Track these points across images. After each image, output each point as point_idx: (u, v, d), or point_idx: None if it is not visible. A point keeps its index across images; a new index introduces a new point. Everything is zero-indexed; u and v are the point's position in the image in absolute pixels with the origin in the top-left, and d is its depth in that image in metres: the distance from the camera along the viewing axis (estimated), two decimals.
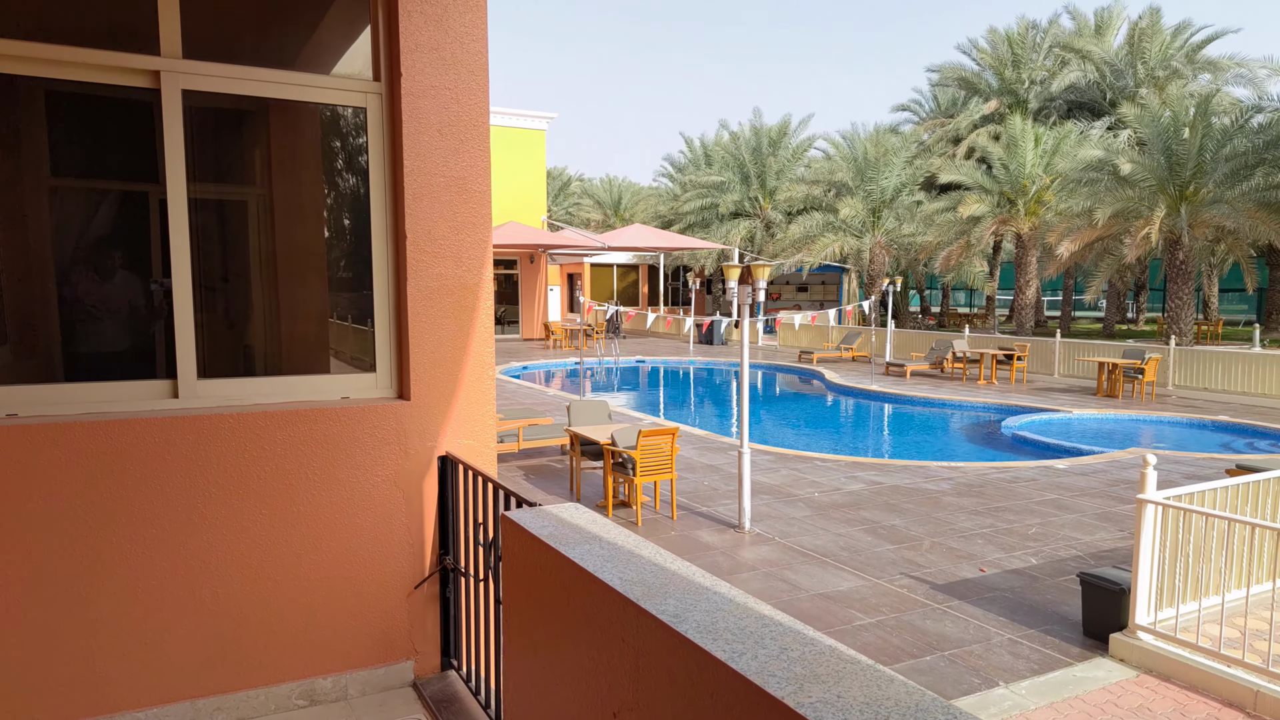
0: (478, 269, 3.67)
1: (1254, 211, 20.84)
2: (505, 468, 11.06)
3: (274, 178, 3.75)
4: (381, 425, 3.55)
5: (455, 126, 3.62)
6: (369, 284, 3.63)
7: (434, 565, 3.67)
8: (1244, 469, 9.98)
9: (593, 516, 2.70)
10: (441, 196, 3.60)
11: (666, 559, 2.32)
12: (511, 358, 25.87)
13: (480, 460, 3.70)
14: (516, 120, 32.73)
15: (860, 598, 6.61)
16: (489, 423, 3.72)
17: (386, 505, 3.57)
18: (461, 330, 3.66)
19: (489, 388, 3.72)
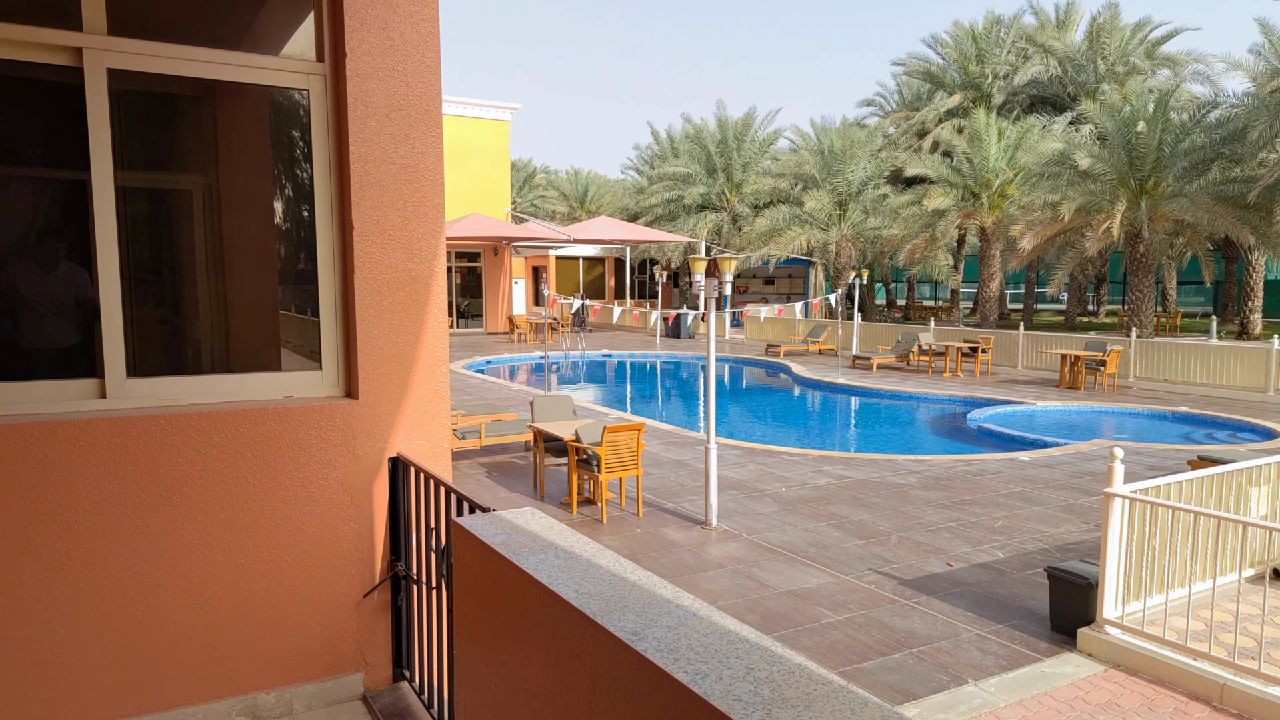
0: (430, 261, 3.49)
1: (1212, 205, 21.16)
2: (468, 465, 10.85)
3: (212, 165, 3.54)
4: (328, 426, 3.36)
5: (405, 110, 3.44)
6: (314, 277, 3.44)
7: (385, 572, 3.49)
8: (1205, 460, 10.06)
9: (549, 522, 2.54)
10: (390, 184, 3.41)
11: (626, 568, 2.17)
12: (475, 352, 25.57)
13: (434, 461, 3.53)
14: (479, 111, 32.34)
15: (828, 595, 6.52)
16: (443, 422, 3.55)
17: (334, 510, 3.39)
18: (413, 325, 3.48)
19: (442, 385, 3.55)
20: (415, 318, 3.48)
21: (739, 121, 36.78)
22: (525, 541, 2.32)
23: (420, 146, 3.47)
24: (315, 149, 3.42)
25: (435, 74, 3.48)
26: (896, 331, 24.09)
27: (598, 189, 49.15)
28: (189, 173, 3.53)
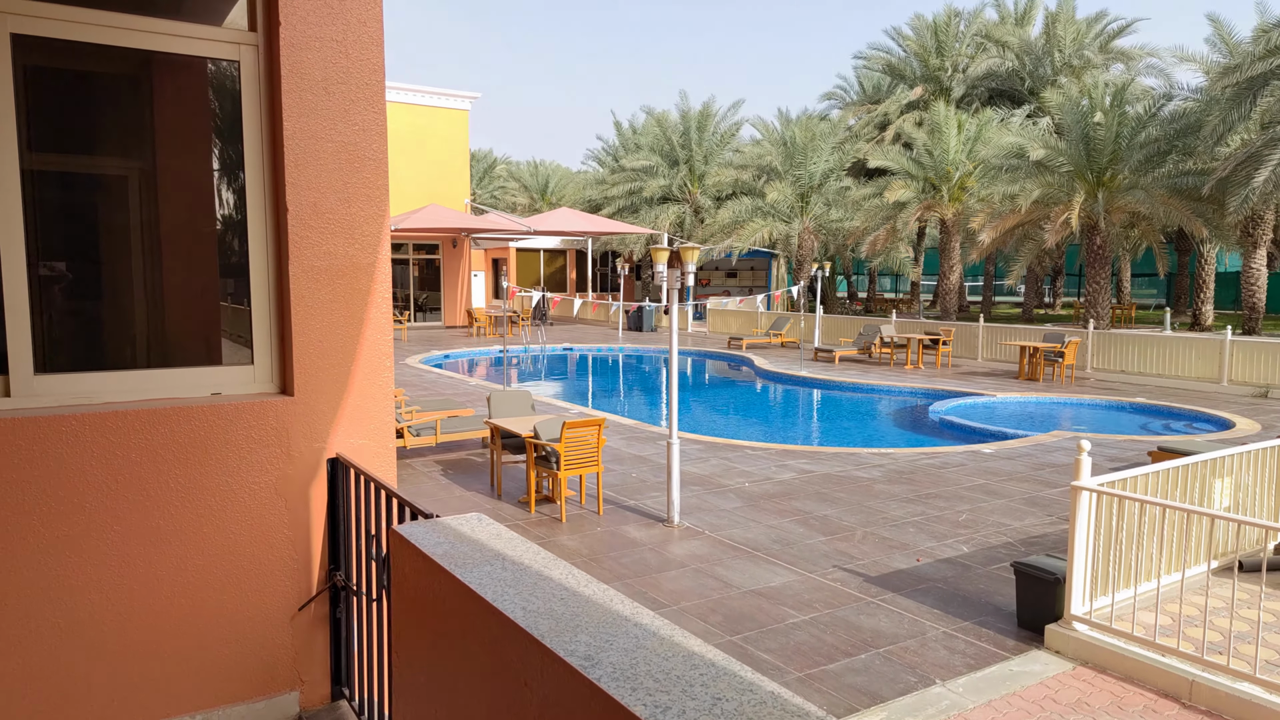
0: (373, 246, 3.25)
1: (1167, 198, 21.46)
2: (423, 463, 10.57)
3: (132, 145, 3.26)
4: (260, 425, 3.11)
5: (344, 84, 3.19)
6: (246, 264, 3.18)
7: (322, 583, 3.25)
8: (1166, 451, 10.12)
9: (497, 529, 2.33)
10: (329, 164, 3.16)
11: (580, 581, 1.97)
12: (433, 346, 25.15)
13: (376, 462, 3.29)
14: (438, 100, 31.80)
15: (793, 593, 6.38)
16: (386, 420, 3.32)
17: (266, 516, 3.14)
18: (354, 316, 3.24)
19: (386, 381, 3.31)
20: (356, 308, 3.24)
21: (700, 112, 36.64)
22: (470, 552, 2.11)
23: (361, 123, 3.22)
24: (247, 126, 3.15)
25: (378, 45, 3.24)
26: (858, 324, 24.14)
27: (559, 180, 48.75)
28: (106, 154, 3.24)
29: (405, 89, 30.98)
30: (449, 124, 32.08)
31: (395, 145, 30.88)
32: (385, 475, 3.28)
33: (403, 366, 20.16)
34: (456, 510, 8.46)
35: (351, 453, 3.25)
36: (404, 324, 28.42)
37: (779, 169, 31.80)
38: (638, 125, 41.23)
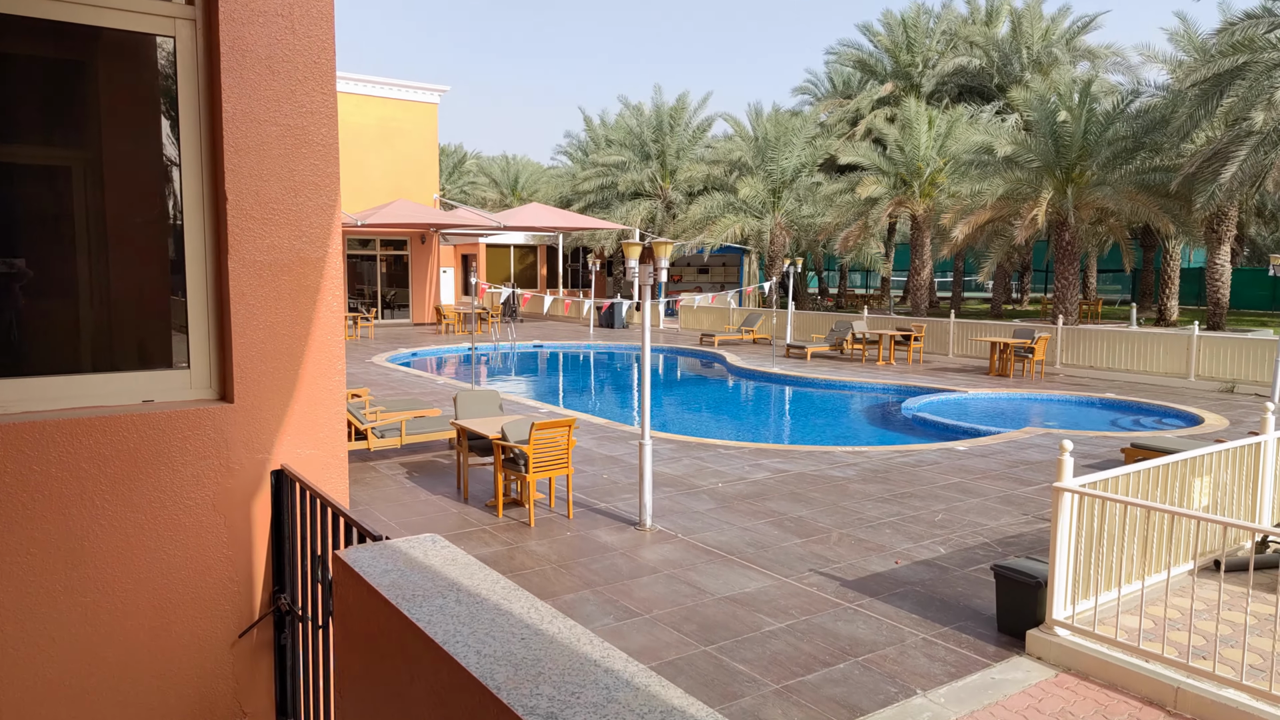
0: (321, 239, 3.00)
1: (1134, 194, 21.61)
2: (387, 465, 10.27)
3: (54, 129, 2.98)
4: (196, 435, 2.85)
5: (290, 62, 2.93)
6: (181, 259, 2.91)
7: (266, 606, 3.00)
8: (1139, 448, 10.09)
9: (453, 554, 2.10)
10: (273, 149, 2.91)
11: (544, 615, 1.75)
12: (400, 344, 24.74)
13: (326, 474, 3.04)
14: (405, 92, 31.31)
15: (769, 599, 6.20)
16: (337, 427, 3.07)
17: (203, 535, 2.88)
18: (301, 315, 2.98)
19: (337, 385, 3.07)
20: (303, 306, 2.98)
21: (672, 107, 36.44)
22: (421, 582, 1.88)
23: (309, 105, 2.97)
24: (183, 108, 2.89)
25: (327, 20, 2.99)
26: (830, 320, 24.09)
27: (530, 175, 48.32)
28: (24, 141, 2.96)
29: (372, 81, 30.45)
30: (417, 117, 31.59)
31: (362, 139, 30.35)
32: (335, 488, 3.03)
33: (369, 365, 19.77)
34: (421, 515, 8.20)
35: (298, 464, 3.00)
36: (371, 321, 27.96)
37: (751, 164, 31.69)
38: (609, 120, 40.94)
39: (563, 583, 6.51)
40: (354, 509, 8.52)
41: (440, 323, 29.11)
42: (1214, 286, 24.77)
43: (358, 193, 30.25)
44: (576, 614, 5.92)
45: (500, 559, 7.02)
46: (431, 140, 32.21)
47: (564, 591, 6.33)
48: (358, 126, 30.27)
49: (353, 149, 30.17)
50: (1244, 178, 19.37)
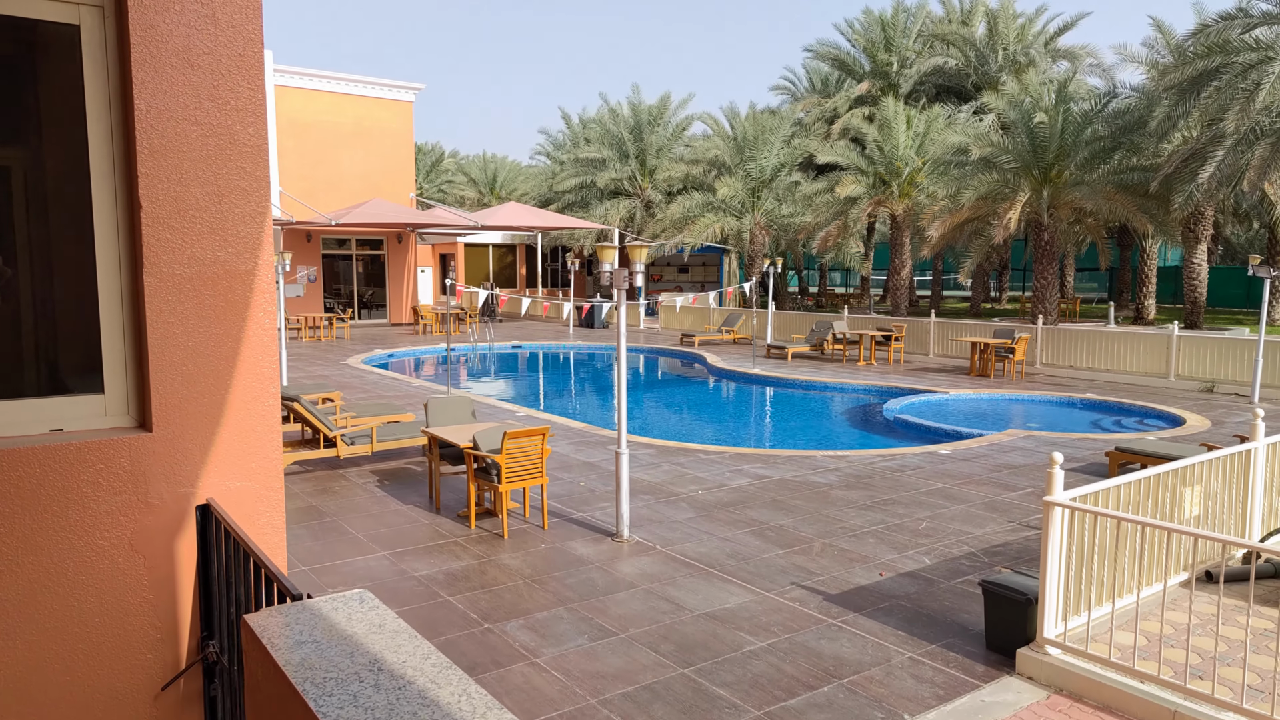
0: (251, 250, 2.72)
1: (1112, 194, 21.58)
2: (358, 473, 9.95)
3: None
4: (110, 467, 2.57)
5: (212, 54, 2.65)
6: (93, 273, 2.62)
7: (194, 654, 2.72)
8: (1123, 452, 9.95)
9: (380, 619, 1.83)
10: (194, 151, 2.62)
11: (477, 707, 1.48)
12: (376, 344, 24.34)
13: (259, 507, 2.76)
14: (380, 90, 30.86)
15: (750, 616, 5.96)
16: (272, 456, 2.79)
17: (120, 578, 2.60)
18: (229, 334, 2.70)
19: (270, 409, 2.78)
20: (232, 323, 2.70)
21: (653, 106, 36.19)
22: (335, 659, 1.61)
23: (233, 102, 2.68)
24: (91, 105, 2.60)
25: (254, 9, 2.70)
26: (810, 320, 23.93)
27: (508, 174, 47.93)
28: None
29: (346, 79, 30.00)
30: (392, 115, 31.16)
31: (336, 138, 29.90)
32: (270, 523, 2.75)
33: (344, 367, 19.39)
34: (390, 527, 7.90)
35: (228, 498, 2.72)
36: (348, 322, 27.52)
37: (729, 164, 31.50)
38: (587, 118, 40.63)
39: (536, 599, 6.24)
40: (322, 520, 8.23)
41: (418, 323, 28.72)
42: (1191, 285, 24.83)
43: (332, 192, 29.79)
44: (550, 633, 5.66)
45: (472, 573, 6.74)
46: (407, 139, 31.79)
47: (537, 609, 6.07)
48: (332, 125, 29.82)
49: (327, 148, 29.71)
50: (1221, 178, 19.37)
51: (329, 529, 7.87)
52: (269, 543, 2.74)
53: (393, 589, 6.42)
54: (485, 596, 6.29)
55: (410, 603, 6.17)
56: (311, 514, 8.33)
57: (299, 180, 29.13)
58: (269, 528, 2.74)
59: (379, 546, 7.39)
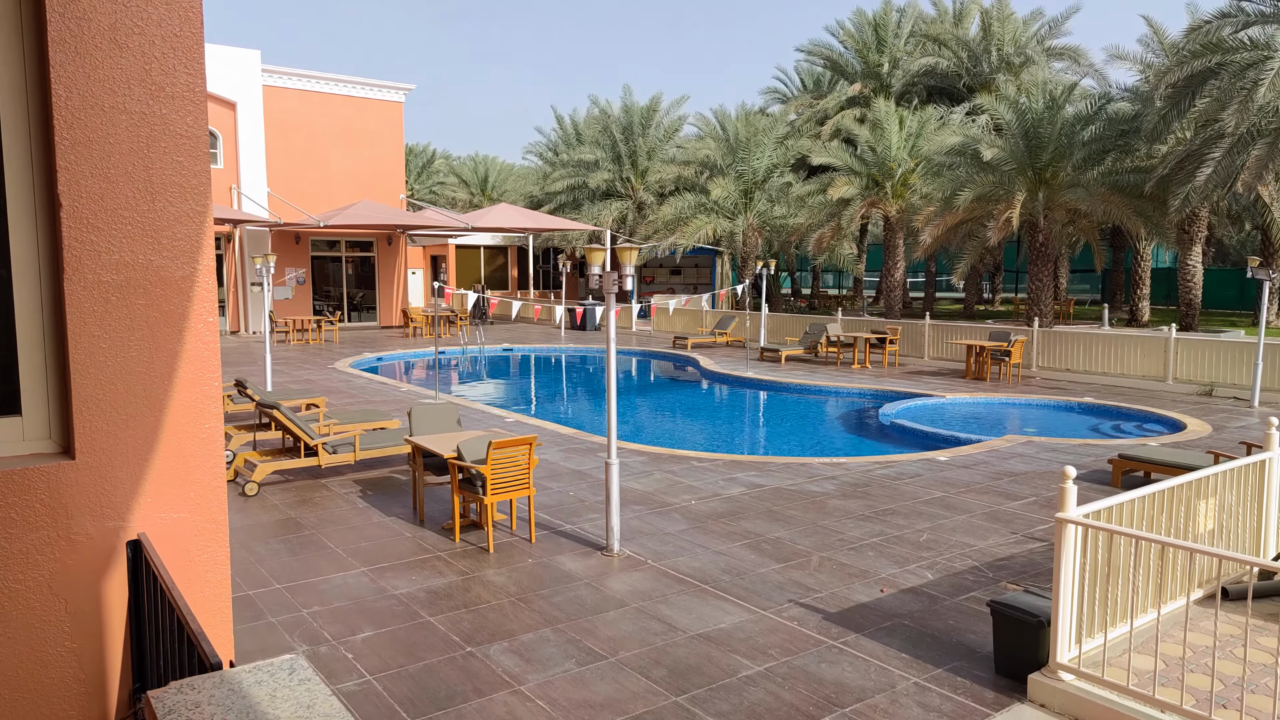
0: (189, 254, 2.42)
1: (1108, 195, 21.39)
2: (340, 482, 9.63)
3: None
4: (27, 499, 2.27)
5: (143, 35, 2.35)
6: (6, 278, 2.32)
7: (124, 708, 2.42)
8: (1126, 459, 9.70)
9: (309, 697, 1.53)
10: (122, 143, 2.33)
11: None
12: (365, 348, 24.00)
13: (200, 542, 2.47)
14: (369, 91, 30.52)
15: (746, 637, 5.67)
16: (214, 483, 2.49)
17: (38, 623, 2.30)
18: (164, 347, 2.41)
19: (211, 431, 2.49)
20: (167, 336, 2.41)
21: (644, 107, 35.92)
22: None
23: (169, 88, 2.39)
24: (3, 91, 2.30)
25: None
26: (804, 322, 23.68)
27: (500, 175, 47.63)
28: None
29: (334, 79, 29.65)
30: (381, 116, 30.82)
31: (325, 138, 29.55)
32: (212, 558, 2.46)
33: (330, 371, 19.05)
34: (371, 540, 7.59)
35: (164, 532, 2.42)
36: (336, 325, 27.16)
37: (721, 165, 31.26)
38: (580, 119, 40.35)
39: (521, 619, 5.95)
40: (300, 534, 7.91)
41: (408, 326, 28.37)
42: (1186, 287, 24.67)
43: (322, 193, 29.44)
44: (535, 657, 5.36)
45: (455, 591, 6.44)
46: (397, 139, 31.45)
47: (522, 630, 5.77)
48: (321, 126, 29.47)
49: (316, 149, 29.36)
50: (1219, 179, 19.19)
51: (307, 543, 7.55)
52: (210, 582, 2.45)
53: (371, 608, 6.12)
54: (468, 617, 5.99)
55: (389, 624, 5.86)
56: (290, 527, 8.01)
57: (288, 181, 28.78)
58: (210, 564, 2.45)
59: (358, 562, 7.08)
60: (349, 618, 5.95)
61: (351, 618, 5.95)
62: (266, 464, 9.17)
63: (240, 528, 7.97)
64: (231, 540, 7.61)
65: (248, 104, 27.63)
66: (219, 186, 27.49)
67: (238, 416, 13.73)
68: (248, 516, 8.32)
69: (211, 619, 2.44)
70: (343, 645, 5.52)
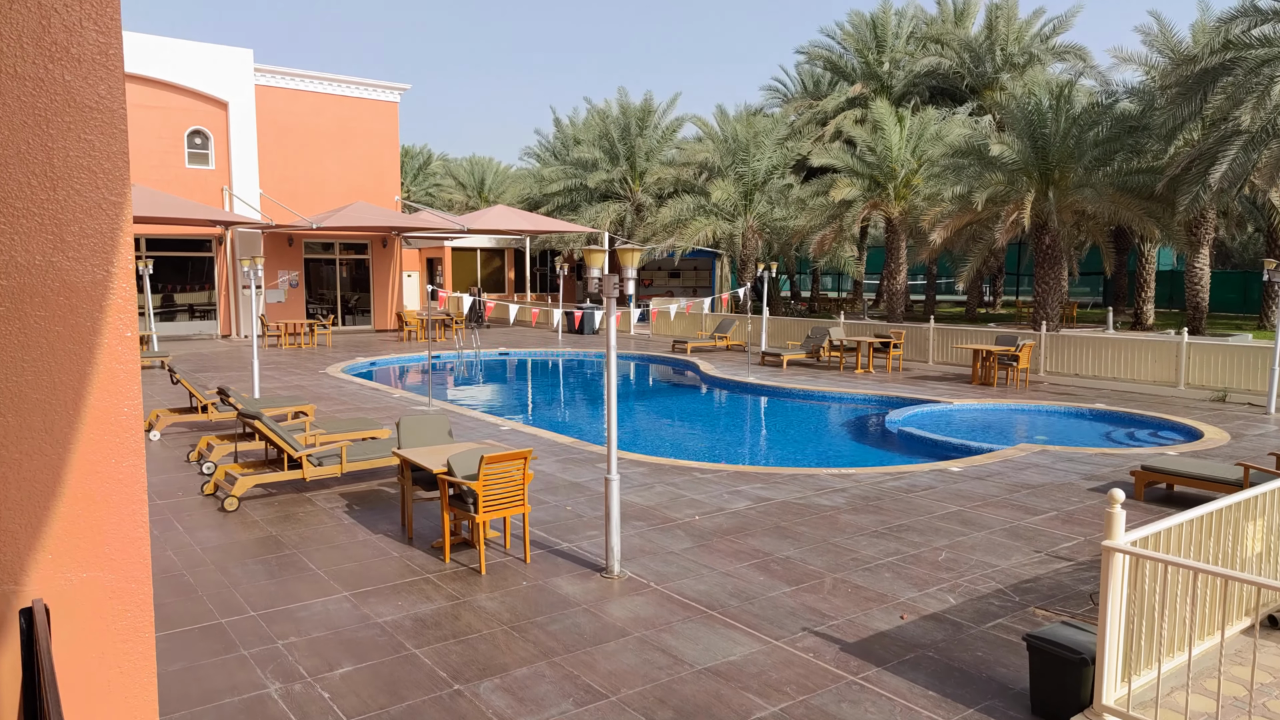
0: (101, 255, 1.98)
1: (1117, 196, 20.99)
2: (326, 496, 9.17)
3: None
4: None
5: None
6: None
7: None
8: (1150, 471, 9.27)
9: None
10: (12, 115, 1.89)
11: None
12: (359, 352, 23.53)
13: (116, 606, 2.02)
14: (364, 91, 30.07)
15: (758, 670, 5.22)
16: (134, 533, 2.05)
17: None
18: (67, 368, 1.96)
19: (130, 471, 2.04)
20: (74, 354, 1.96)
21: (640, 107, 35.51)
22: None
23: (75, 49, 1.95)
24: None
25: None
26: (805, 326, 23.25)
27: (497, 177, 47.21)
28: None
29: (328, 79, 29.20)
30: (376, 116, 30.37)
31: (319, 139, 29.10)
32: (130, 627, 2.01)
33: (322, 377, 18.59)
34: (357, 561, 7.13)
35: (70, 595, 1.97)
36: (329, 329, 26.69)
37: (721, 166, 30.85)
38: (578, 120, 39.93)
39: (515, 651, 5.49)
40: (281, 553, 7.44)
41: (403, 330, 27.90)
42: (1193, 290, 24.28)
43: (315, 194, 28.99)
44: (529, 696, 4.91)
45: (443, 619, 5.99)
46: (392, 140, 31.00)
47: (516, 664, 5.32)
48: (314, 126, 29.03)
49: (310, 149, 28.91)
50: (1232, 178, 18.78)
51: (287, 564, 7.09)
52: (129, 655, 2.00)
53: (352, 639, 5.66)
54: (457, 648, 5.54)
55: (370, 657, 5.41)
56: (270, 546, 7.55)
57: (280, 183, 28.32)
58: (130, 633, 2.00)
59: (341, 585, 6.63)
60: (328, 650, 5.50)
61: (331, 650, 5.50)
62: (247, 477, 8.71)
63: (217, 547, 7.51)
64: (207, 561, 7.16)
65: (239, 104, 27.17)
66: (210, 188, 27.02)
67: (220, 426, 13.26)
68: (226, 534, 7.86)
69: (130, 702, 2.00)
70: (319, 683, 5.06)
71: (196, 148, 26.85)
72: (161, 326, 27.06)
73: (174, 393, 16.01)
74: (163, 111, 26.04)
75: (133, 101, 25.50)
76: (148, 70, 25.49)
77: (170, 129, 26.23)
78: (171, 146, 26.29)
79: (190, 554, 7.33)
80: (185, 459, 10.81)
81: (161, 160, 26.11)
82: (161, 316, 27.22)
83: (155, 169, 25.93)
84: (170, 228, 26.14)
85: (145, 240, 26.54)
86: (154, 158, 25.96)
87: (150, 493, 9.24)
